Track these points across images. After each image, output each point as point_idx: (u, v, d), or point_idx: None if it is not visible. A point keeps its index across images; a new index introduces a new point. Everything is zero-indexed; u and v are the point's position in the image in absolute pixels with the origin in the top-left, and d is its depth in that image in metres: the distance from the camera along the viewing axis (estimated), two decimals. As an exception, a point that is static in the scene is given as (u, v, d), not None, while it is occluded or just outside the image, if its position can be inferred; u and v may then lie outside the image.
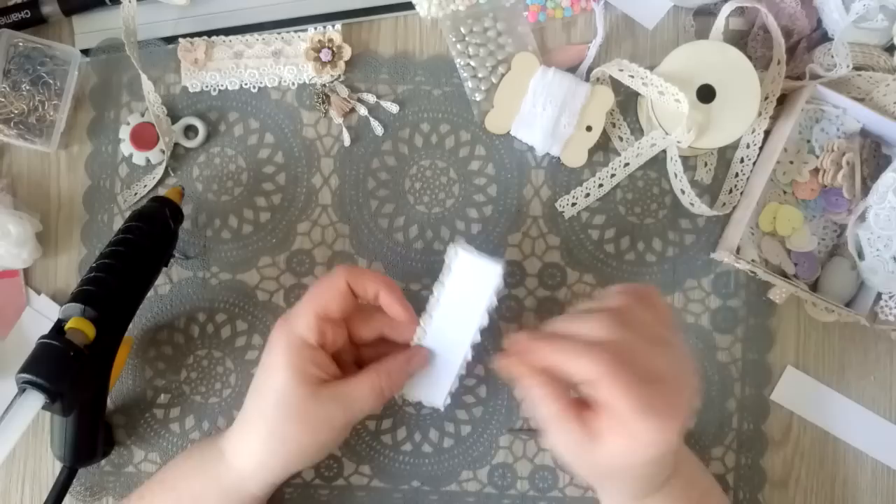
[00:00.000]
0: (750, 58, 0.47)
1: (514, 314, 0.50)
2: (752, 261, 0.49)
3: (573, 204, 0.50)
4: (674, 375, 0.36)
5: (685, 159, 0.50)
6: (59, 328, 0.41)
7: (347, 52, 0.50)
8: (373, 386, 0.40)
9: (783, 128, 0.49)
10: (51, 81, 0.49)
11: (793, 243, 0.50)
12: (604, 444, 0.35)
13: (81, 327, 0.41)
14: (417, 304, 0.49)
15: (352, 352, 0.44)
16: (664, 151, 0.50)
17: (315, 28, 0.50)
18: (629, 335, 0.35)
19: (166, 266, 0.47)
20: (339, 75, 0.50)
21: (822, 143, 0.49)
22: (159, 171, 0.49)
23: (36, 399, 0.40)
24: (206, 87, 0.50)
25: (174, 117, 0.50)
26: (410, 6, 0.50)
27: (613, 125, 0.51)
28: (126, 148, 0.50)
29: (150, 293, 0.48)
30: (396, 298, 0.42)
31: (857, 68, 0.49)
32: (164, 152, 0.49)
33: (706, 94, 0.47)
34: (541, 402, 0.36)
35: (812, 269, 0.50)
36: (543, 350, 0.36)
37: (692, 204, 0.50)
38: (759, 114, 0.48)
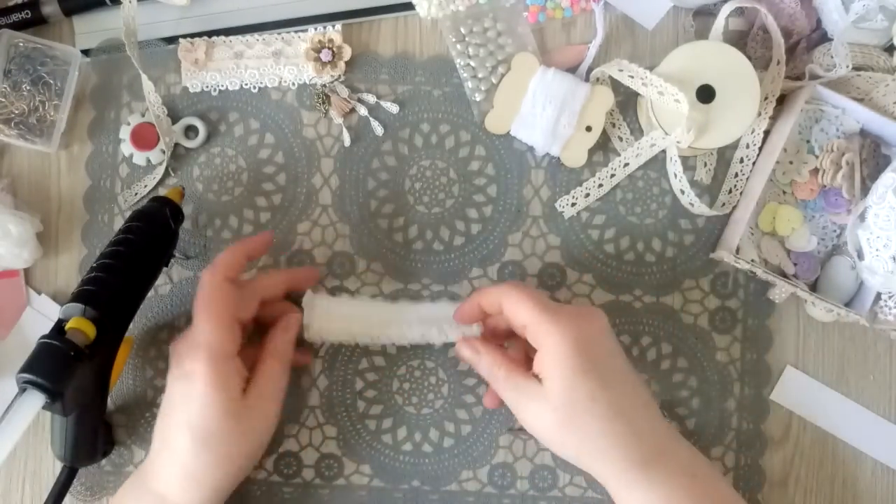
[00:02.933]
0: (749, 58, 0.47)
1: (513, 314, 0.50)
2: (752, 261, 0.49)
3: (573, 204, 0.50)
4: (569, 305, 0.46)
5: (685, 159, 0.50)
6: (59, 328, 0.41)
7: (347, 53, 0.50)
8: (281, 367, 0.44)
9: (783, 128, 0.49)
10: (51, 81, 0.49)
11: (792, 243, 0.50)
12: (543, 373, 0.40)
13: (82, 327, 0.41)
14: (416, 302, 0.50)
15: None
16: (664, 151, 0.50)
17: (315, 28, 0.50)
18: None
19: (167, 266, 0.47)
20: (340, 75, 0.50)
21: (822, 144, 0.49)
22: (160, 172, 0.50)
23: (36, 399, 0.40)
24: (207, 87, 0.50)
25: (174, 117, 0.50)
26: (410, 6, 0.50)
27: (613, 125, 0.51)
28: (126, 148, 0.50)
29: (151, 293, 0.48)
30: (248, 243, 0.45)
31: (856, 68, 0.49)
32: (164, 152, 0.49)
33: (706, 94, 0.47)
34: (491, 370, 0.43)
35: (811, 269, 0.50)
36: (466, 303, 0.45)
37: (692, 204, 0.50)
38: (759, 114, 0.48)
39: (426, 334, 0.47)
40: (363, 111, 0.50)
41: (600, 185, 0.50)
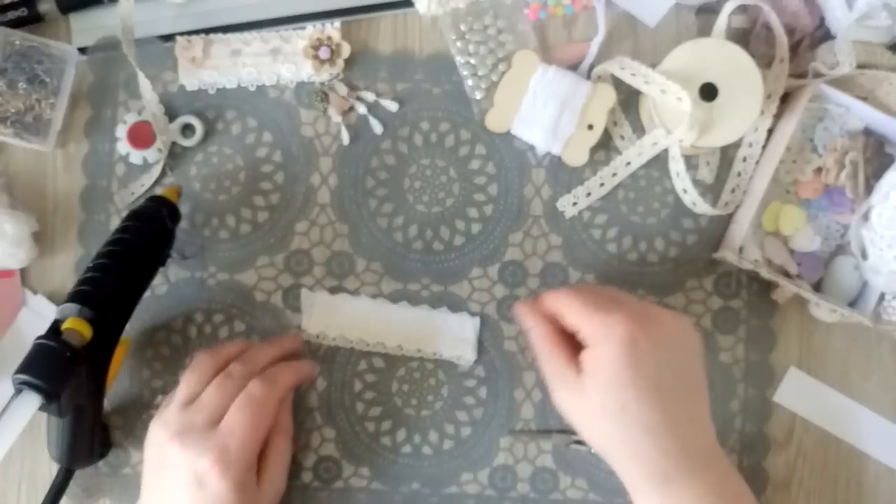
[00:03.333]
0: (752, 56, 0.47)
1: (514, 314, 0.50)
2: (755, 261, 0.48)
3: (574, 203, 0.50)
4: (630, 301, 0.43)
5: (687, 158, 0.50)
6: (55, 329, 0.41)
7: (346, 50, 0.49)
8: (287, 441, 0.45)
9: (786, 126, 0.48)
10: (47, 80, 0.48)
11: (796, 243, 0.49)
12: (583, 367, 0.40)
13: (78, 328, 0.41)
14: (416, 303, 0.49)
15: None
16: (666, 150, 0.49)
17: (314, 26, 0.50)
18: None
19: (163, 266, 0.47)
20: (338, 73, 0.50)
21: (825, 142, 0.49)
22: (156, 171, 0.49)
23: (33, 400, 0.39)
24: (204, 85, 0.50)
25: (171, 116, 0.50)
26: (410, 4, 0.50)
27: (615, 124, 0.50)
28: (123, 147, 0.49)
29: (147, 293, 0.48)
30: (302, 372, 0.46)
31: (860, 66, 0.48)
32: (161, 151, 0.49)
33: (708, 92, 0.46)
34: (538, 344, 0.42)
35: (815, 269, 0.49)
36: (535, 302, 0.44)
37: (694, 203, 0.49)
38: (762, 112, 0.48)
39: (423, 349, 0.49)
40: (362, 109, 0.50)
41: (602, 185, 0.50)
